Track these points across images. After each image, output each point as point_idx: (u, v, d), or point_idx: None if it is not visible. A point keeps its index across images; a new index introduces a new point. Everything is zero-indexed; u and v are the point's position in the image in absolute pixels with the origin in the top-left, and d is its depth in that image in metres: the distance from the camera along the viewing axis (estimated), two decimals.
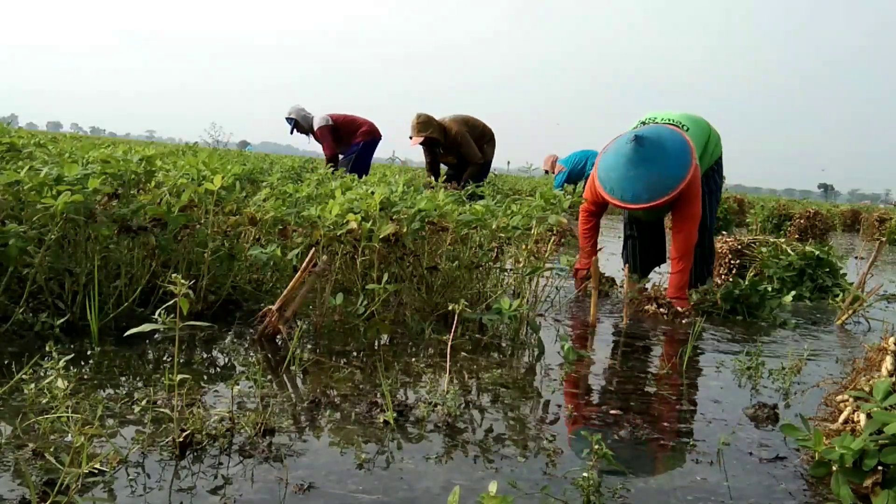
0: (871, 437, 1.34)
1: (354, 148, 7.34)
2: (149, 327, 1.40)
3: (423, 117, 6.71)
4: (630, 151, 3.04)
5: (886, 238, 10.42)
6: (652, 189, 3.03)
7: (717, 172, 3.59)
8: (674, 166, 3.05)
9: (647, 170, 3.03)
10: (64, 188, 2.01)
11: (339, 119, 7.35)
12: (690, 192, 3.15)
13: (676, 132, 3.19)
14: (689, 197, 3.16)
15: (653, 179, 3.03)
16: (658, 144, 3.06)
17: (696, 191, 3.20)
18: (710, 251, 3.73)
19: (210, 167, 2.71)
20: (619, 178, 3.08)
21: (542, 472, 1.42)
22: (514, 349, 2.43)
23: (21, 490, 1.18)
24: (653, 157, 3.03)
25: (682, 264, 3.21)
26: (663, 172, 3.03)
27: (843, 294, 3.69)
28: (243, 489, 1.25)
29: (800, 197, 48.25)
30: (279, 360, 2.04)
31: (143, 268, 2.34)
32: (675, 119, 3.44)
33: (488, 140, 7.20)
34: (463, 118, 7.02)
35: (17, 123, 16.53)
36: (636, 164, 3.03)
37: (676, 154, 3.07)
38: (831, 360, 2.59)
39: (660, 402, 1.94)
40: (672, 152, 3.07)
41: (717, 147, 3.54)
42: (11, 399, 1.57)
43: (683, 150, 3.10)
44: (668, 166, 3.04)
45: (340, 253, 2.58)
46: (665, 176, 3.03)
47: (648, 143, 3.04)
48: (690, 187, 3.13)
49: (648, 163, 3.03)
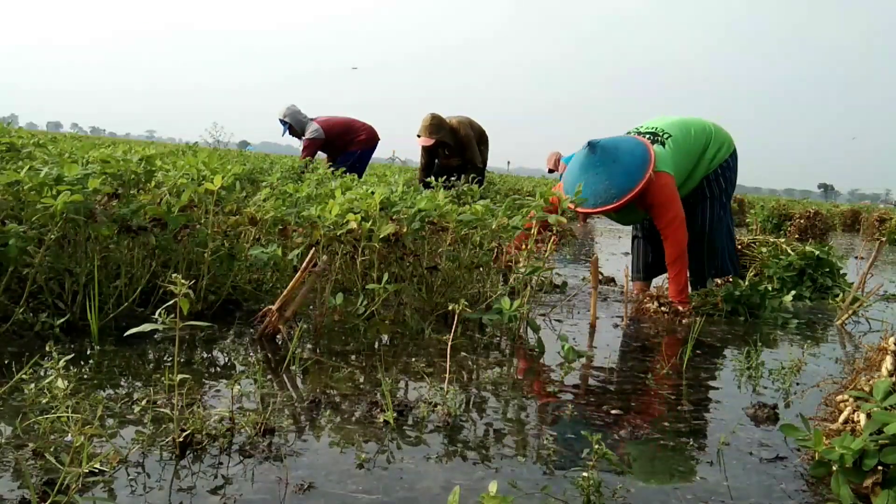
0: (871, 437, 1.34)
1: (350, 156, 7.25)
2: (149, 327, 1.40)
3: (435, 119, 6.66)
4: (583, 157, 3.17)
5: (886, 238, 10.42)
6: (597, 195, 3.09)
7: (722, 177, 3.54)
8: (621, 175, 3.09)
9: (595, 175, 3.11)
10: (64, 188, 2.01)
11: (335, 126, 7.19)
12: (659, 198, 3.18)
13: (641, 144, 3.20)
14: (659, 202, 3.19)
15: (600, 187, 3.09)
16: (611, 153, 3.12)
17: (666, 198, 3.21)
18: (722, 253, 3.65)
19: (210, 167, 2.72)
20: (572, 183, 3.15)
21: (542, 472, 1.42)
22: (514, 349, 2.43)
23: (21, 490, 1.18)
24: (602, 164, 3.11)
25: (675, 269, 3.23)
26: (611, 181, 3.08)
27: (843, 294, 3.69)
28: (243, 489, 1.25)
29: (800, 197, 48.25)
30: (279, 360, 2.04)
31: (143, 268, 2.34)
32: (662, 128, 3.43)
33: (484, 142, 7.20)
34: (467, 120, 7.00)
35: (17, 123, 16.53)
36: (586, 169, 3.14)
37: (627, 165, 3.11)
38: (831, 360, 2.59)
39: (660, 402, 1.94)
40: (623, 163, 3.11)
41: (721, 152, 3.50)
42: (11, 399, 1.57)
43: (638, 163, 3.12)
44: (616, 175, 3.09)
45: (340, 253, 2.58)
46: (611, 185, 3.08)
47: (601, 149, 3.12)
48: (657, 193, 3.16)
49: (597, 169, 3.11)
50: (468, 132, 6.84)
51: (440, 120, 6.69)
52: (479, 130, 7.09)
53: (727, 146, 3.54)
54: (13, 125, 6.49)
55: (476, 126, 7.08)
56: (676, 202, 3.24)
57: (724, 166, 3.53)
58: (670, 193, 3.22)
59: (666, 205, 3.21)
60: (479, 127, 7.14)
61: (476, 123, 7.11)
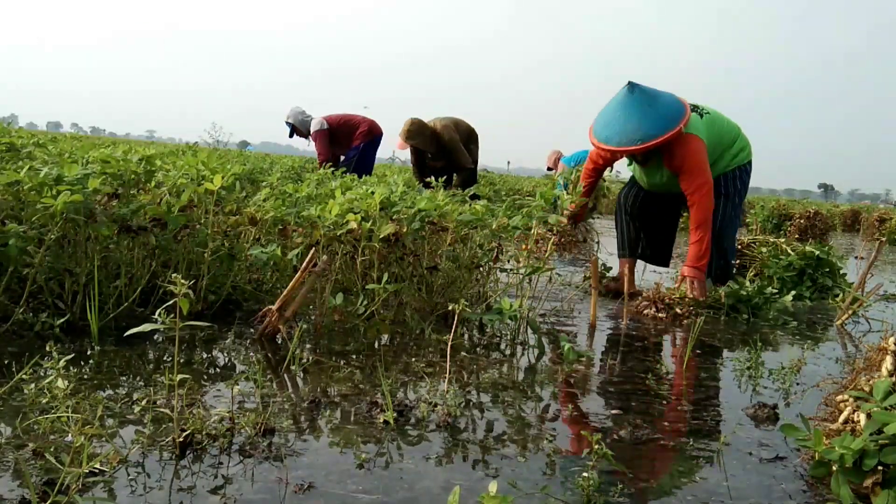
0: (871, 437, 1.34)
1: (354, 150, 7.26)
2: (149, 327, 1.40)
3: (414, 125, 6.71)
4: (621, 96, 3.21)
5: (886, 238, 10.42)
6: (623, 134, 3.15)
7: (739, 179, 3.56)
8: (653, 119, 3.14)
9: (627, 114, 3.16)
10: (64, 188, 2.01)
11: (335, 121, 7.22)
12: (689, 163, 3.24)
13: (679, 101, 3.27)
14: (689, 167, 3.25)
15: (629, 126, 3.14)
16: (649, 97, 3.19)
17: (697, 163, 3.26)
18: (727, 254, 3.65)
19: (210, 167, 2.71)
20: (603, 121, 3.23)
21: (542, 472, 1.42)
22: (514, 349, 2.43)
23: (21, 490, 1.18)
24: (638, 105, 3.16)
25: (700, 233, 3.26)
26: (640, 123, 3.14)
27: (843, 294, 3.69)
28: (243, 489, 1.25)
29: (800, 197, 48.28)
30: (279, 360, 2.04)
31: (143, 268, 2.34)
32: (703, 106, 3.51)
33: (474, 141, 7.21)
34: (452, 121, 7.00)
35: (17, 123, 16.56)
36: (621, 108, 3.19)
37: (661, 112, 3.17)
38: (831, 360, 2.59)
39: (660, 402, 1.94)
40: (658, 110, 3.17)
41: (743, 153, 3.55)
42: (11, 399, 1.57)
43: (675, 110, 3.20)
44: (648, 118, 3.14)
45: (340, 253, 2.58)
46: (640, 127, 3.13)
47: (639, 91, 3.18)
48: (687, 157, 3.23)
49: (631, 109, 3.16)
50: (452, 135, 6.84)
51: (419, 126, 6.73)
52: (466, 130, 7.10)
53: (748, 150, 3.60)
54: (13, 125, 6.49)
55: (463, 126, 7.08)
56: (707, 169, 3.30)
57: (743, 169, 3.58)
58: (701, 159, 3.28)
59: (695, 170, 3.26)
60: (467, 126, 7.14)
61: (463, 124, 7.11)
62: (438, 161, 6.94)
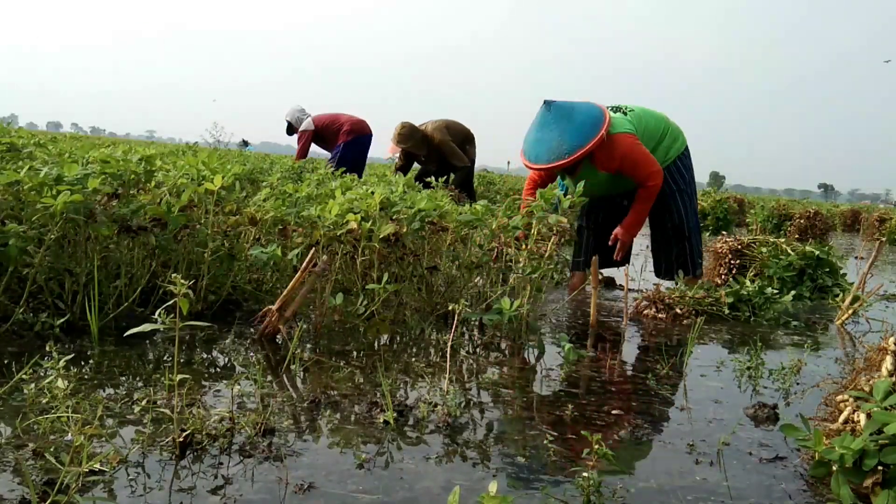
0: (871, 437, 1.34)
1: (336, 150, 7.30)
2: (149, 327, 1.40)
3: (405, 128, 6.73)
4: (539, 115, 3.34)
5: (886, 238, 10.42)
6: (550, 151, 3.26)
7: (683, 168, 3.69)
8: (573, 132, 3.25)
9: (549, 132, 3.27)
10: (64, 188, 2.01)
11: (323, 121, 7.33)
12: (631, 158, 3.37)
13: (596, 107, 3.38)
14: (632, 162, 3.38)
15: (553, 143, 3.26)
16: (566, 112, 3.30)
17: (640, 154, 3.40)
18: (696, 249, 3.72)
19: (210, 167, 2.71)
20: (529, 141, 3.35)
21: (542, 472, 1.42)
22: (514, 349, 2.43)
23: (21, 490, 1.18)
24: (556, 122, 3.27)
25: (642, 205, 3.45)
26: (562, 137, 3.24)
27: (843, 294, 3.69)
28: (243, 489, 1.25)
29: (800, 197, 48.27)
30: (279, 360, 2.04)
31: (143, 268, 2.34)
32: (625, 105, 3.62)
33: (469, 141, 7.21)
34: (444, 124, 7.00)
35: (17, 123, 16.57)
36: (541, 127, 3.31)
37: (580, 123, 3.27)
38: (831, 360, 2.59)
39: (660, 402, 1.94)
40: (577, 121, 3.28)
41: (677, 144, 3.65)
42: (11, 399, 1.57)
43: (593, 117, 3.30)
44: (568, 132, 3.25)
45: (340, 253, 2.58)
46: (563, 141, 3.24)
47: (555, 108, 3.30)
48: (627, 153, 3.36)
49: (551, 126, 3.27)
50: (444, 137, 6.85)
51: (410, 129, 6.74)
52: (461, 131, 7.10)
53: (682, 141, 3.70)
54: (13, 125, 6.48)
55: (457, 128, 7.08)
56: (650, 156, 3.44)
57: (681, 159, 3.69)
58: (641, 150, 3.41)
59: (641, 162, 3.39)
60: (462, 128, 7.15)
61: (456, 125, 7.11)
62: (431, 163, 6.95)
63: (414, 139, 6.72)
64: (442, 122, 7.02)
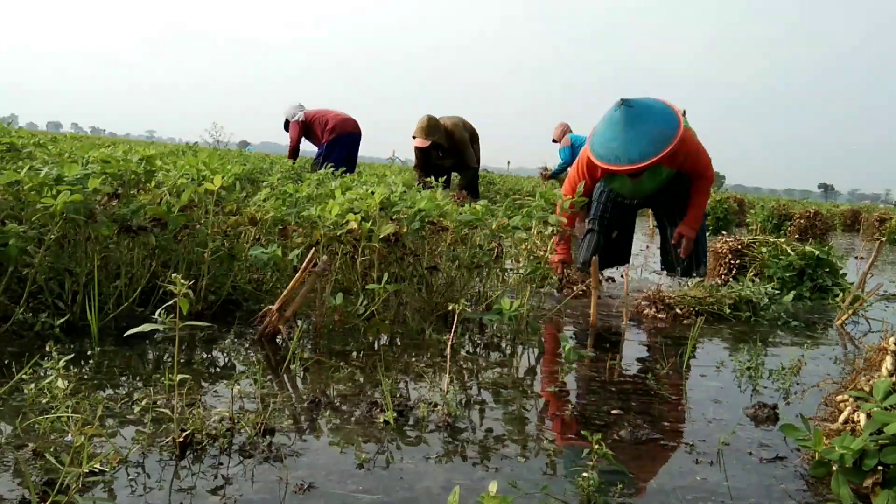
0: (871, 437, 1.34)
1: (319, 151, 7.28)
2: (149, 327, 1.40)
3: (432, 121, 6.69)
4: (622, 115, 3.19)
5: (886, 238, 10.41)
6: (655, 142, 3.15)
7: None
8: (666, 118, 3.22)
9: (643, 126, 3.17)
10: (64, 188, 2.01)
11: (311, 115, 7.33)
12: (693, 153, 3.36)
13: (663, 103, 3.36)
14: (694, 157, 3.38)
15: (653, 133, 3.16)
16: (643, 103, 3.25)
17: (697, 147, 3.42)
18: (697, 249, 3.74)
19: (210, 167, 2.71)
20: (621, 144, 3.18)
21: (542, 472, 1.42)
22: (514, 349, 2.43)
23: (21, 490, 1.18)
24: (644, 114, 3.19)
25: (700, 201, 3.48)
26: (659, 124, 3.18)
27: (843, 294, 3.69)
28: (243, 489, 1.25)
29: (800, 197, 48.27)
30: (279, 360, 2.04)
31: (143, 268, 2.34)
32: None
33: (475, 140, 7.22)
34: (461, 120, 7.01)
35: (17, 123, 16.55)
36: (632, 124, 3.17)
37: (662, 108, 3.26)
38: (831, 360, 2.59)
39: (660, 402, 1.94)
40: (658, 108, 3.25)
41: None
42: (11, 399, 1.57)
43: (671, 114, 3.28)
44: (661, 119, 3.21)
45: (340, 253, 2.58)
46: (662, 127, 3.18)
47: (636, 103, 3.21)
48: (690, 149, 3.34)
49: (642, 120, 3.18)
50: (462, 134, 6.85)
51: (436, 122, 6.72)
52: (470, 130, 7.11)
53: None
54: (13, 125, 6.48)
55: (468, 126, 7.10)
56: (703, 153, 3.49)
57: None
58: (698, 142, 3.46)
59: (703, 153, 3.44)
60: (471, 126, 7.16)
61: (467, 123, 7.13)
62: (447, 160, 6.94)
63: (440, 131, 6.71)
64: (458, 118, 7.03)
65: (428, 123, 6.66)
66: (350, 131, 7.36)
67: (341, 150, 7.30)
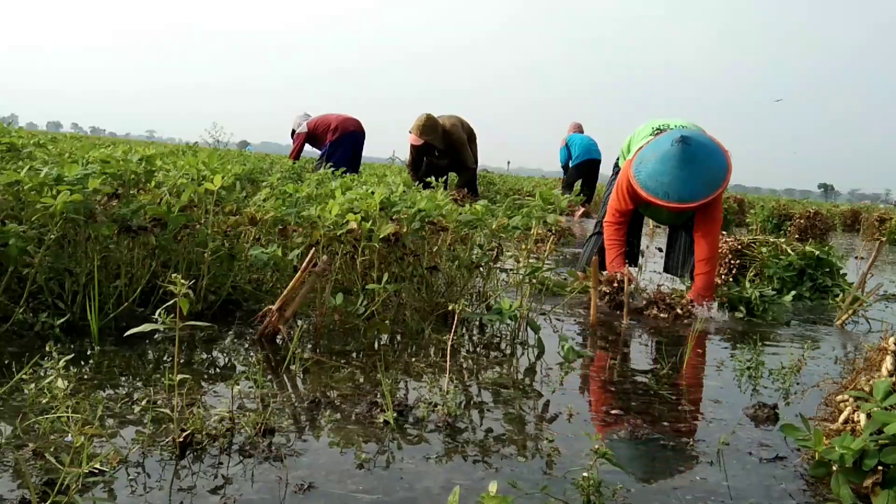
0: (871, 437, 1.34)
1: (323, 150, 7.40)
2: (149, 327, 1.40)
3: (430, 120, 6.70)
4: (679, 152, 3.12)
5: (886, 238, 10.41)
6: (708, 184, 3.13)
7: None
8: (719, 159, 3.18)
9: (698, 167, 3.13)
10: (64, 188, 2.02)
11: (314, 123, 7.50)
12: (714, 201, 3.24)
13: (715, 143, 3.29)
14: (718, 200, 3.27)
15: (707, 175, 3.14)
16: (700, 141, 3.18)
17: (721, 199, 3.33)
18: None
19: (210, 167, 2.71)
20: (673, 181, 3.13)
21: (542, 472, 1.42)
22: (514, 349, 2.43)
23: (21, 490, 1.18)
24: (700, 154, 3.13)
25: (709, 266, 3.28)
26: (713, 166, 3.15)
27: (843, 294, 3.69)
28: (243, 489, 1.25)
29: (800, 197, 48.30)
30: (279, 360, 2.04)
31: (143, 268, 2.34)
32: (668, 125, 3.54)
33: (473, 140, 7.24)
34: (458, 120, 7.02)
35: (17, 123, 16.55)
36: (687, 163, 3.12)
37: (715, 149, 3.21)
38: (831, 360, 2.59)
39: (660, 402, 1.94)
40: (711, 147, 3.20)
41: None
42: (11, 399, 1.57)
43: (717, 146, 3.24)
44: (715, 160, 3.17)
45: (340, 253, 2.58)
46: (715, 169, 3.15)
47: (693, 141, 3.14)
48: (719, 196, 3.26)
49: (697, 160, 3.13)
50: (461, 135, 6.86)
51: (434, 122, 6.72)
52: (468, 130, 7.12)
53: None
54: (13, 125, 6.48)
55: (466, 125, 7.11)
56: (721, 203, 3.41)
57: None
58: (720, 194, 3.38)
59: (719, 202, 3.35)
60: (469, 126, 7.18)
61: (466, 122, 7.14)
62: (444, 159, 6.95)
63: (436, 132, 6.72)
64: (456, 118, 7.04)
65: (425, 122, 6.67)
66: (353, 130, 7.44)
67: (345, 150, 7.39)
